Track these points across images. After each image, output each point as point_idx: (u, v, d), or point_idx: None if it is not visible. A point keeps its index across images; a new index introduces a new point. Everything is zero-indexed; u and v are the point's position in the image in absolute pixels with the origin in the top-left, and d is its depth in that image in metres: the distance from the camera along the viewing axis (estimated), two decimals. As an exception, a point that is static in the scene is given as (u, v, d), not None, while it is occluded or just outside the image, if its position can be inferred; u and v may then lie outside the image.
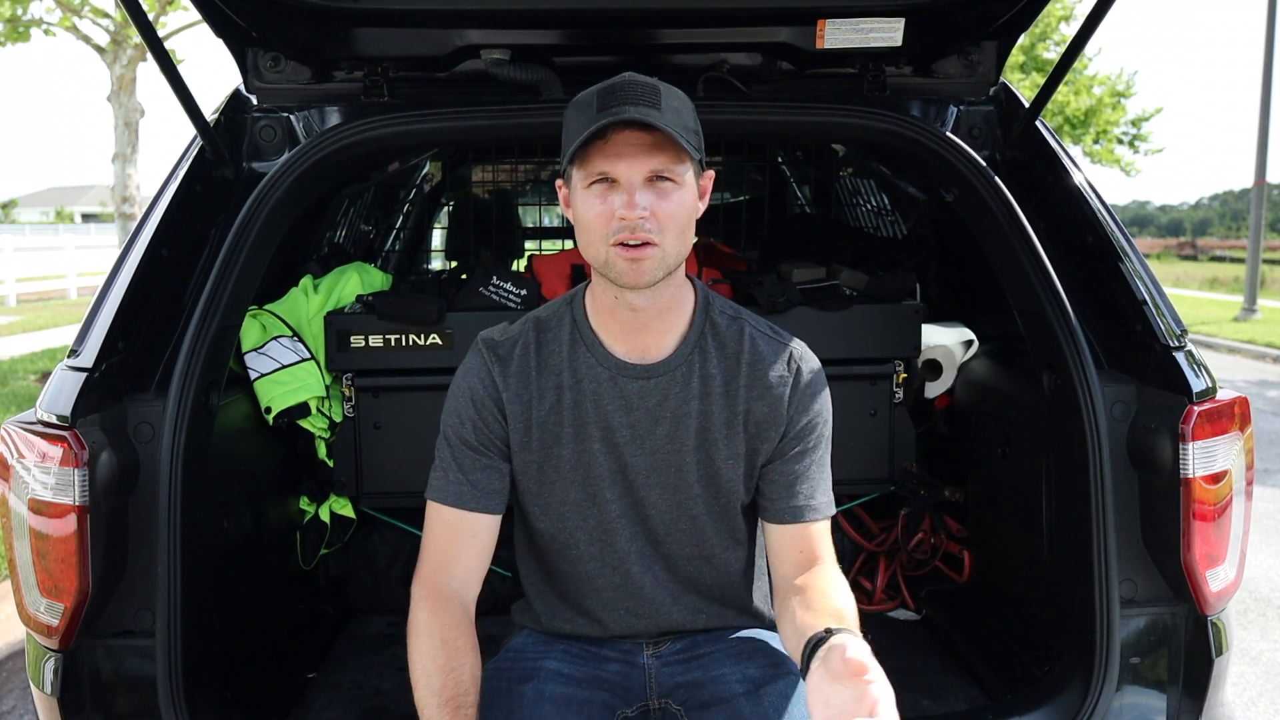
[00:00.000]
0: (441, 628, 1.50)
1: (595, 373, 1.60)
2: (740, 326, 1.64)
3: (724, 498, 1.64)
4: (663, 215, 1.46)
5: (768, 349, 1.63)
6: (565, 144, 1.52)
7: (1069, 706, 1.82)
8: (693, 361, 1.61)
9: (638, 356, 1.60)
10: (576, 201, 1.51)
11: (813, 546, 1.61)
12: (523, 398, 1.61)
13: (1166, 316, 1.87)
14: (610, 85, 1.48)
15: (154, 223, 1.94)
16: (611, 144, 1.45)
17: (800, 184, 4.51)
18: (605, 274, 1.51)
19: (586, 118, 1.46)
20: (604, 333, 1.61)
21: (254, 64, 2.18)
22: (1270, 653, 3.73)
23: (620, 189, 1.46)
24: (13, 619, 3.74)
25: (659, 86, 1.48)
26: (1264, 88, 14.36)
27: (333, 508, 2.64)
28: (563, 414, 1.60)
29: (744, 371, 1.61)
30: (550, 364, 1.62)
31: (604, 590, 1.67)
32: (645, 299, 1.55)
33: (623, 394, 1.60)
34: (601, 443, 1.60)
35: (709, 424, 1.60)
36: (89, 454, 1.65)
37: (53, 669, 1.75)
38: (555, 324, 1.65)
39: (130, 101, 10.60)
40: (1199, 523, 1.76)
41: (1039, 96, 2.09)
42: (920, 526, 2.74)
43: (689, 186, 1.50)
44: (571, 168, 1.51)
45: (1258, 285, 15.86)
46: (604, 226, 1.47)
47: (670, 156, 1.46)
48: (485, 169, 4.45)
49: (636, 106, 1.43)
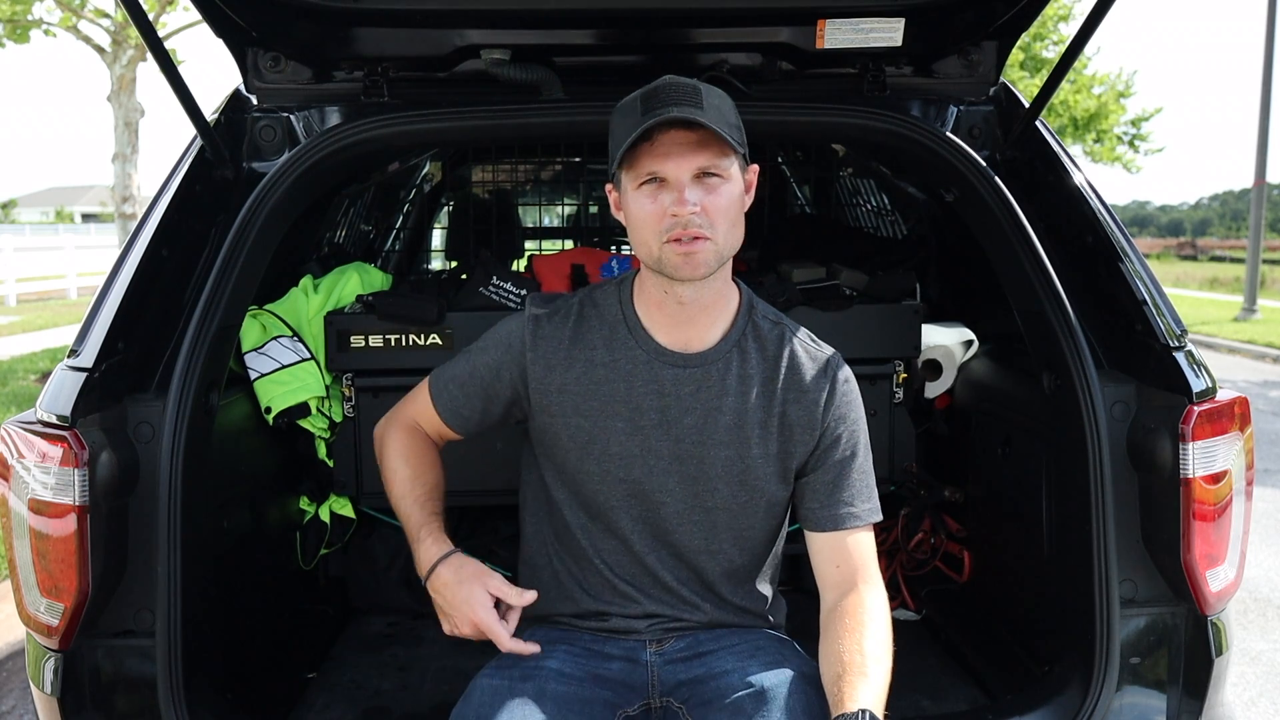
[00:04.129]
0: (408, 447, 1.78)
1: (633, 354, 1.65)
2: (782, 331, 1.69)
3: (747, 494, 1.66)
4: (712, 209, 1.52)
5: (806, 356, 1.68)
6: (612, 148, 1.57)
7: (1069, 706, 1.82)
8: (731, 357, 1.65)
9: (680, 347, 1.65)
10: (628, 203, 1.57)
11: (852, 559, 1.63)
12: (549, 361, 1.66)
13: (1166, 316, 1.87)
14: (653, 88, 1.52)
15: (154, 223, 1.93)
16: (658, 144, 1.50)
17: (800, 184, 4.51)
18: (660, 270, 1.56)
19: (632, 121, 1.51)
20: (649, 321, 1.66)
21: (254, 64, 2.18)
22: (1270, 653, 3.73)
23: (670, 187, 1.51)
24: (13, 619, 3.74)
25: (699, 86, 1.53)
26: (1264, 88, 14.37)
27: (333, 508, 2.64)
28: (589, 387, 1.65)
29: (783, 374, 1.65)
30: (587, 337, 1.67)
31: (608, 566, 1.69)
32: (694, 291, 1.59)
33: (657, 379, 1.63)
34: (626, 423, 1.64)
35: (744, 420, 1.64)
36: (89, 454, 1.65)
37: (53, 669, 1.75)
38: (603, 302, 1.71)
39: (130, 101, 10.60)
40: (1199, 523, 1.76)
41: (1039, 96, 2.09)
42: (920, 526, 2.74)
43: (735, 180, 1.56)
44: (620, 171, 1.56)
45: (1258, 285, 15.86)
46: (656, 224, 1.52)
47: (715, 152, 1.52)
48: (485, 169, 4.45)
49: (679, 106, 1.48)
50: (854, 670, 1.46)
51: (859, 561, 1.63)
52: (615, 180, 1.60)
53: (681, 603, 1.70)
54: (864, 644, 1.50)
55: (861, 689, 1.43)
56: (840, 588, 1.62)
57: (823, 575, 1.66)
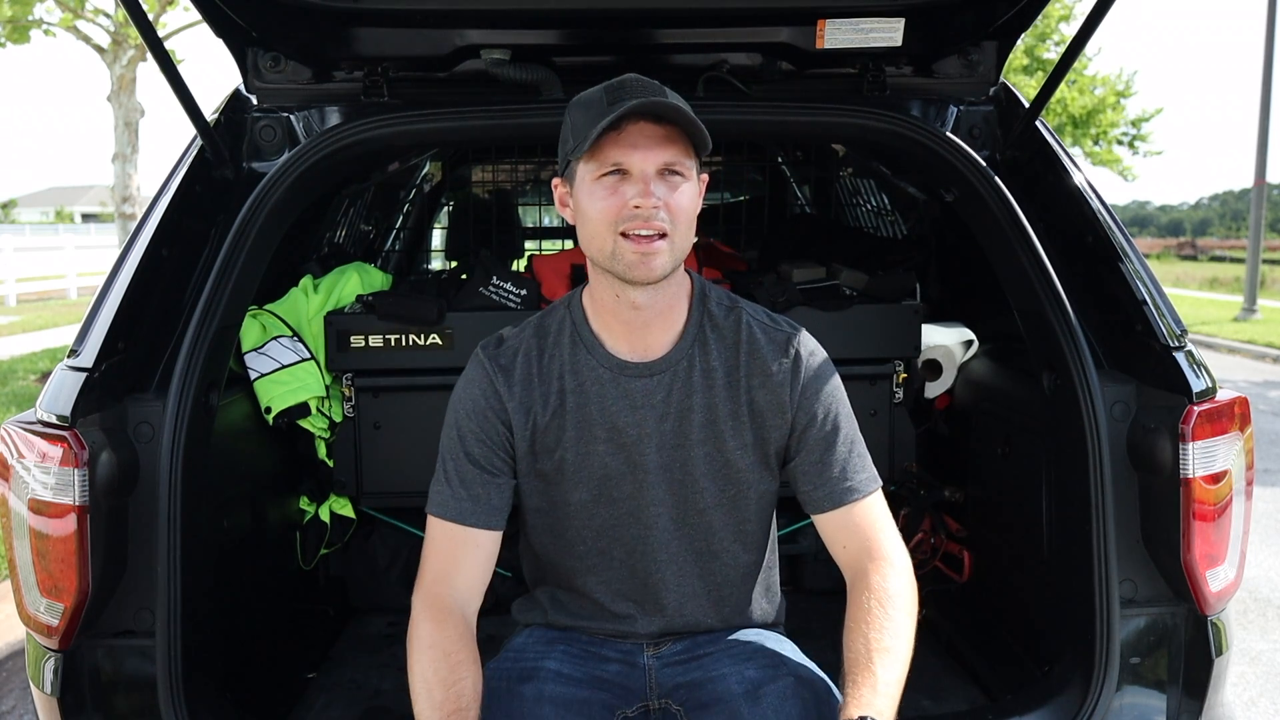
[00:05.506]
0: (443, 640, 1.49)
1: (598, 374, 1.61)
2: (738, 316, 1.65)
3: (733, 489, 1.64)
4: (674, 207, 1.49)
5: (765, 336, 1.64)
6: (572, 139, 1.52)
7: (1069, 706, 1.82)
8: (693, 355, 1.62)
9: (639, 355, 1.61)
10: (581, 195, 1.52)
11: (858, 535, 1.59)
12: (526, 404, 1.62)
13: (1166, 316, 1.87)
14: (618, 82, 1.50)
15: (154, 223, 1.94)
16: (626, 135, 1.47)
17: (800, 184, 4.51)
18: (611, 268, 1.51)
19: (596, 112, 1.47)
20: (605, 333, 1.62)
21: (254, 64, 2.18)
22: (1270, 653, 3.73)
23: (633, 180, 1.48)
24: (13, 619, 3.74)
25: (664, 86, 1.51)
26: (1264, 88, 14.36)
27: (332, 508, 2.64)
28: (565, 418, 1.61)
29: (743, 360, 1.62)
30: (551, 369, 1.63)
31: (610, 584, 1.67)
32: (648, 296, 1.56)
33: (627, 393, 1.60)
34: (608, 444, 1.61)
35: (715, 415, 1.61)
36: (89, 454, 1.65)
37: (53, 669, 1.75)
38: (555, 329, 1.66)
39: (130, 101, 10.59)
40: (1199, 523, 1.76)
41: (1039, 96, 2.09)
42: (920, 526, 2.74)
43: (694, 181, 1.53)
44: (578, 162, 1.51)
45: (1258, 285, 15.86)
46: (614, 216, 1.48)
47: (681, 150, 1.49)
48: (485, 169, 4.45)
49: (649, 99, 1.45)
50: (860, 669, 1.44)
51: (866, 536, 1.59)
52: (568, 173, 1.55)
53: (680, 610, 1.69)
54: (872, 637, 1.47)
55: (866, 691, 1.41)
56: (853, 568, 1.58)
57: (836, 558, 1.62)
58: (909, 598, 1.53)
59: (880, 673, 1.43)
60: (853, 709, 1.38)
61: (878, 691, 1.41)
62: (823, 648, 1.81)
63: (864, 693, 1.40)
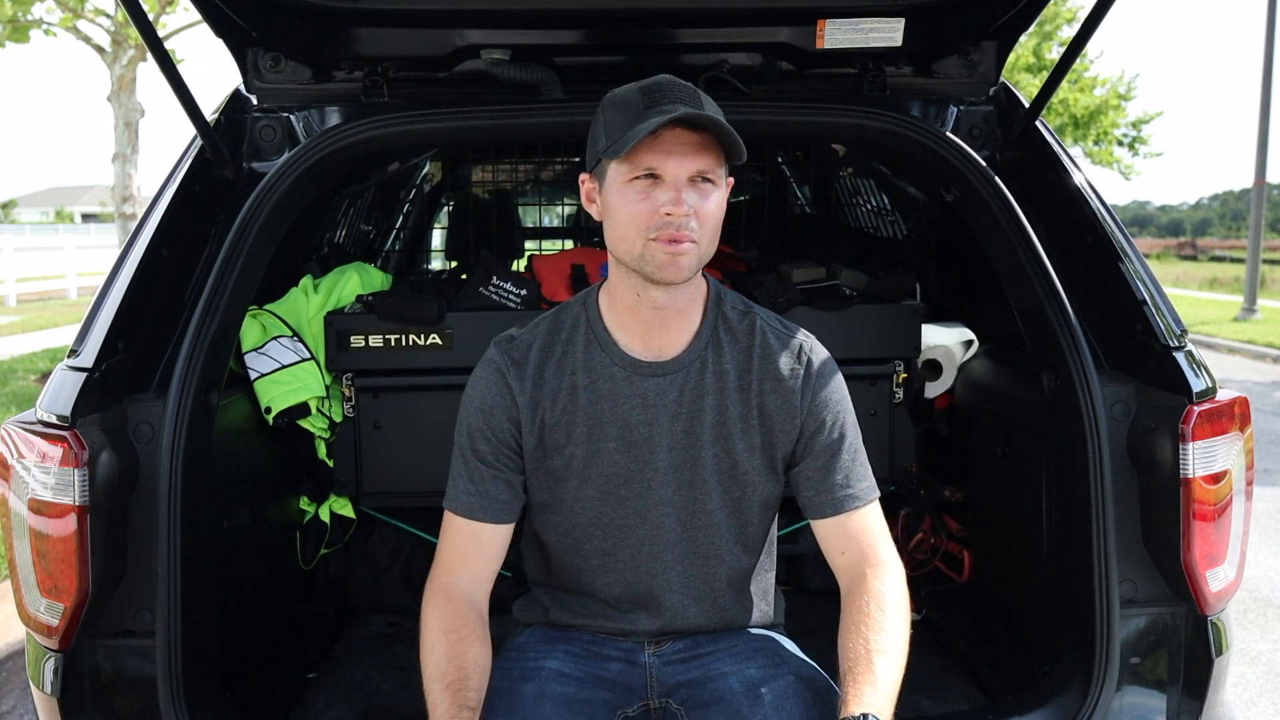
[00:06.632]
0: (446, 619, 1.55)
1: (611, 373, 1.62)
2: (752, 320, 1.67)
3: (738, 490, 1.65)
4: (704, 215, 1.50)
5: (778, 342, 1.65)
6: (604, 138, 1.52)
7: (1069, 706, 1.82)
8: (706, 356, 1.63)
9: (654, 354, 1.62)
10: (611, 196, 1.53)
11: (857, 542, 1.61)
12: (536, 399, 1.63)
13: (1166, 316, 1.87)
14: (653, 83, 1.50)
15: (154, 223, 1.94)
16: (661, 140, 1.47)
17: (800, 184, 4.51)
18: (639, 268, 1.52)
19: (633, 114, 1.48)
20: (621, 332, 1.63)
21: (254, 64, 2.18)
22: (1270, 653, 3.73)
23: (665, 186, 1.48)
24: (13, 619, 3.74)
25: (699, 90, 1.51)
26: (1264, 88, 14.36)
27: (333, 508, 2.64)
28: (576, 414, 1.62)
29: (756, 365, 1.63)
30: (565, 366, 1.64)
31: (614, 583, 1.68)
32: (668, 296, 1.57)
33: (639, 392, 1.61)
34: (619, 441, 1.62)
35: (725, 417, 1.62)
36: (89, 454, 1.65)
37: (53, 669, 1.75)
38: (569, 325, 1.67)
39: (130, 101, 10.59)
40: (1199, 523, 1.76)
41: (1039, 96, 2.09)
42: (920, 526, 2.74)
43: (723, 188, 1.54)
44: (609, 162, 1.51)
45: (1258, 285, 15.85)
46: (646, 221, 1.48)
47: (714, 158, 1.50)
48: (485, 169, 4.45)
49: (687, 106, 1.46)
50: (860, 669, 1.45)
51: (864, 543, 1.60)
52: (598, 171, 1.56)
53: (681, 611, 1.69)
54: (871, 638, 1.48)
55: (866, 690, 1.41)
56: (850, 573, 1.60)
57: (833, 563, 1.64)
58: (904, 605, 1.56)
59: (880, 672, 1.44)
60: (853, 706, 1.39)
61: (878, 690, 1.41)
62: (823, 647, 1.81)
63: (864, 691, 1.41)
